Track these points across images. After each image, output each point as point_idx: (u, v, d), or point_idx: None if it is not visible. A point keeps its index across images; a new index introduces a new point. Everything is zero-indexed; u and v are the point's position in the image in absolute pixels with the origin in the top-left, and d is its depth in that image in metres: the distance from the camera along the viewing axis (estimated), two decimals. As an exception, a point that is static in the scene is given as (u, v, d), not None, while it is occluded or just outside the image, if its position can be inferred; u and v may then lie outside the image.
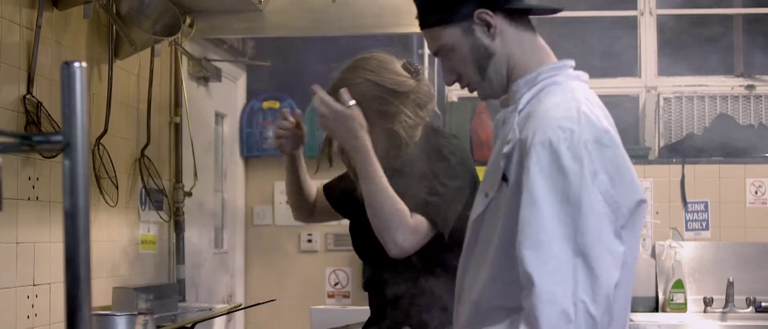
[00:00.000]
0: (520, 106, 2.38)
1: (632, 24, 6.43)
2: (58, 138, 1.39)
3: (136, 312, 3.24)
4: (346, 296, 5.88)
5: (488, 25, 2.41)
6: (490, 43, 2.42)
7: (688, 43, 6.45)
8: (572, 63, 2.47)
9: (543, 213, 2.19)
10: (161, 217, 5.02)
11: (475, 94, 2.58)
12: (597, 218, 2.20)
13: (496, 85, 2.47)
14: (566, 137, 2.22)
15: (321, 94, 3.12)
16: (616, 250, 2.22)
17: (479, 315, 2.39)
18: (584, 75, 2.47)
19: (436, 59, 6.50)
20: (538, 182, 2.20)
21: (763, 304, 5.75)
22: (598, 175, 2.22)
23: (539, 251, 2.18)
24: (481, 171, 2.88)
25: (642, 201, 2.31)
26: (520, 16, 2.45)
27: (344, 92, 3.10)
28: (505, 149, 2.33)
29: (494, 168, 2.39)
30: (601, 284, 2.17)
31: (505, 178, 2.33)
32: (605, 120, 2.32)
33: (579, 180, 2.19)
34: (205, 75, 5.72)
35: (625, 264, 2.26)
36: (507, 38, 2.43)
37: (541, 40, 2.48)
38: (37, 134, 2.48)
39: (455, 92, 6.48)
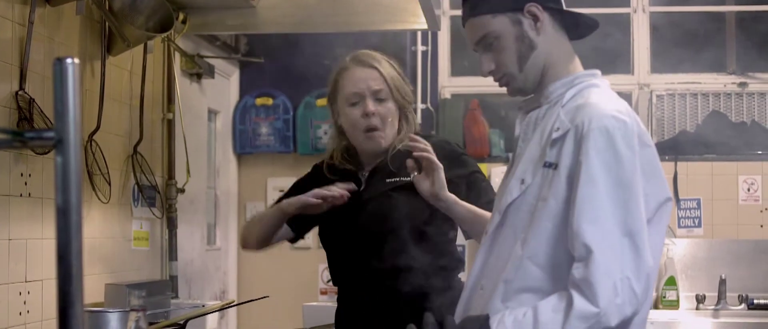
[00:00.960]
0: (565, 101, 2.53)
1: (625, 21, 6.44)
2: (51, 134, 1.39)
3: (128, 309, 3.23)
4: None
5: (536, 19, 2.56)
6: (535, 36, 2.57)
7: (681, 41, 6.46)
8: (599, 72, 2.66)
9: (600, 192, 2.34)
10: (154, 214, 5.02)
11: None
12: (642, 204, 2.37)
13: (531, 79, 2.60)
14: (620, 126, 2.40)
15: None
16: (651, 238, 2.38)
17: (509, 293, 2.47)
18: (609, 85, 2.67)
19: (428, 57, 6.50)
20: (597, 164, 2.36)
21: (755, 301, 5.76)
22: (640, 168, 2.40)
23: (598, 225, 2.33)
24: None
25: (668, 199, 2.49)
26: (562, 21, 2.61)
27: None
28: (555, 135, 2.47)
29: (534, 158, 2.51)
30: (645, 263, 2.33)
31: (547, 165, 2.46)
32: (640, 122, 2.51)
33: (632, 167, 2.37)
34: (198, 71, 5.71)
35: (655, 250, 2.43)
36: (548, 36, 2.58)
37: (573, 51, 2.66)
38: (29, 130, 2.48)
39: (448, 89, 6.49)
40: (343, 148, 3.36)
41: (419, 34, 6.34)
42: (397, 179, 3.22)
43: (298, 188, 3.48)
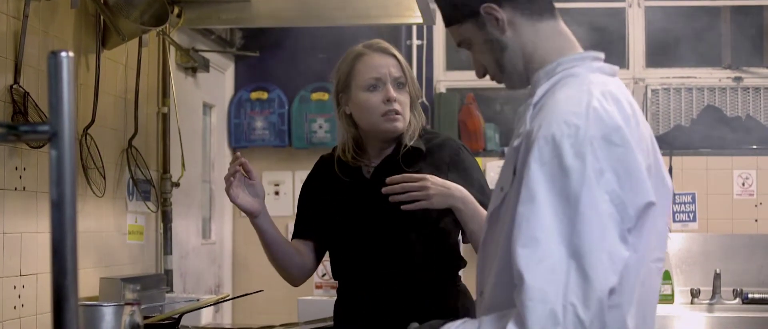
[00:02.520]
0: (536, 98, 2.34)
1: (620, 15, 6.44)
2: (45, 128, 1.39)
3: (123, 303, 3.22)
4: (333, 287, 5.87)
5: (496, 19, 2.40)
6: (500, 36, 2.41)
7: (676, 35, 6.46)
8: (598, 54, 2.43)
9: (541, 211, 2.12)
10: (149, 208, 5.01)
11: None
12: (598, 219, 2.11)
13: (515, 77, 2.45)
14: (571, 133, 2.14)
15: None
16: (617, 254, 2.12)
17: (487, 309, 2.34)
18: (609, 67, 2.43)
19: (423, 51, 6.50)
20: (538, 178, 2.14)
21: (749, 296, 5.77)
22: (605, 174, 2.13)
23: (534, 249, 2.11)
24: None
25: (650, 204, 2.20)
26: (533, 5, 2.42)
27: None
28: (515, 143, 2.30)
29: (508, 162, 2.35)
30: (593, 288, 2.08)
31: (514, 172, 2.27)
32: (619, 116, 2.21)
33: (580, 179, 2.11)
34: (193, 65, 5.71)
35: (630, 268, 2.16)
36: (520, 30, 2.41)
37: (563, 28, 2.45)
38: (23, 124, 2.48)
39: (443, 83, 6.49)
40: (353, 140, 3.34)
41: (414, 28, 6.34)
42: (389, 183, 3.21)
43: (307, 190, 3.47)
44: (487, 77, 2.55)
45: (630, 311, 2.20)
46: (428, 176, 3.11)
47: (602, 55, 2.43)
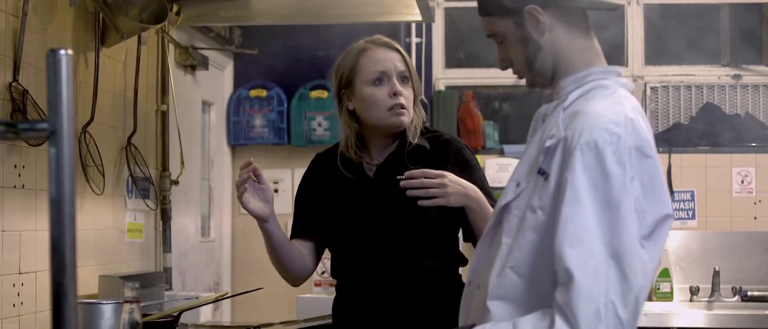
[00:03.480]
0: (567, 103, 2.44)
1: (619, 13, 6.44)
2: (44, 126, 1.39)
3: (122, 300, 3.23)
4: (332, 284, 5.87)
5: (537, 21, 2.48)
6: (539, 37, 2.49)
7: (675, 33, 6.46)
8: (620, 70, 2.55)
9: (585, 213, 2.25)
10: (148, 205, 5.01)
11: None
12: (632, 225, 2.26)
13: (542, 78, 2.54)
14: (613, 141, 2.28)
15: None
16: (643, 257, 2.28)
17: (489, 296, 2.42)
18: (630, 84, 2.55)
19: (422, 49, 6.51)
20: (583, 182, 2.26)
21: (748, 293, 5.77)
22: (634, 182, 2.28)
23: (580, 249, 2.23)
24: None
25: (668, 216, 2.38)
26: (574, 15, 2.53)
27: None
28: (548, 143, 2.38)
29: (531, 161, 2.45)
30: (631, 287, 2.24)
31: (541, 172, 2.38)
32: (647, 129, 2.39)
33: (621, 185, 2.26)
34: (192, 63, 5.71)
35: (647, 273, 2.32)
36: (557, 35, 2.50)
37: (595, 44, 2.57)
38: (22, 122, 2.48)
39: (442, 81, 6.49)
40: (355, 137, 3.32)
41: (413, 25, 6.34)
42: (403, 176, 3.20)
43: (304, 189, 3.45)
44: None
45: (640, 306, 2.37)
46: (446, 173, 3.10)
47: (622, 70, 2.56)
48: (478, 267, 2.57)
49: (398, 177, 3.13)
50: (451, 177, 3.09)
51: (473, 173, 3.24)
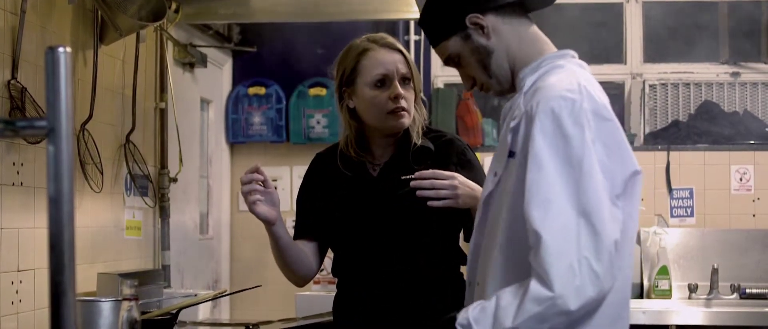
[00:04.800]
0: (525, 88, 2.53)
1: (618, 11, 6.44)
2: (43, 123, 1.39)
3: (120, 298, 3.22)
4: (331, 282, 5.88)
5: (481, 27, 2.58)
6: (486, 42, 2.59)
7: (674, 31, 6.46)
8: (573, 53, 2.62)
9: (549, 175, 2.31)
10: (146, 203, 5.01)
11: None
12: (597, 182, 2.32)
13: (502, 79, 2.63)
14: (568, 105, 2.35)
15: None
16: (615, 214, 2.33)
17: (491, 287, 2.48)
18: (585, 65, 2.61)
19: (420, 46, 6.50)
20: (543, 147, 2.33)
21: (747, 291, 5.78)
22: (596, 144, 2.34)
23: (547, 210, 2.29)
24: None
25: (637, 172, 2.42)
26: (512, 12, 2.61)
27: None
28: (512, 124, 2.47)
29: (501, 147, 2.52)
30: (603, 241, 2.28)
31: (511, 154, 2.46)
32: (603, 96, 2.46)
33: (581, 145, 2.32)
34: (191, 60, 5.71)
35: (624, 233, 2.39)
36: (502, 35, 2.59)
37: (539, 33, 2.65)
38: (21, 119, 2.48)
39: (441, 79, 6.49)
40: (356, 134, 3.31)
41: (412, 23, 6.34)
42: (412, 176, 3.19)
43: (306, 189, 3.43)
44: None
45: (630, 273, 2.49)
46: (456, 174, 3.10)
47: (575, 53, 2.63)
48: (472, 265, 2.61)
49: (408, 177, 3.13)
50: (461, 178, 3.09)
51: (476, 174, 3.24)
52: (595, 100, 2.39)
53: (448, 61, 2.68)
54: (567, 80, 2.43)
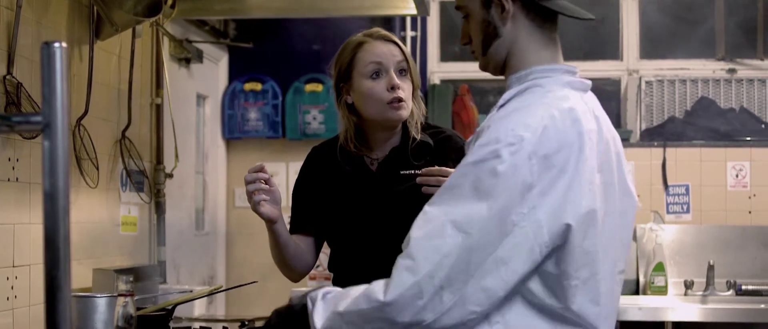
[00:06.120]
0: (502, 102, 2.41)
1: (615, 7, 6.44)
2: (38, 118, 1.39)
3: (116, 294, 3.22)
4: (327, 278, 5.87)
5: (502, 8, 2.45)
6: (500, 25, 2.46)
7: (670, 27, 6.47)
8: (571, 68, 2.48)
9: (456, 197, 2.23)
10: (142, 199, 5.01)
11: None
12: (504, 229, 2.19)
13: (492, 63, 2.52)
14: (513, 142, 2.22)
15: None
16: (507, 262, 2.20)
17: None
18: (582, 83, 2.48)
19: (417, 42, 6.49)
20: (469, 172, 2.24)
21: (743, 287, 5.78)
22: (532, 190, 2.20)
23: (431, 224, 2.24)
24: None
25: (568, 226, 2.23)
26: (539, 12, 2.48)
27: None
28: (469, 139, 2.40)
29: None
30: (466, 283, 2.20)
31: None
32: (573, 137, 2.28)
33: (505, 187, 2.19)
34: (187, 56, 5.70)
35: (553, 279, 2.26)
36: (518, 26, 2.47)
37: (555, 43, 2.51)
38: (16, 114, 2.47)
39: (437, 75, 6.49)
40: (354, 130, 3.30)
41: (408, 19, 6.34)
42: (412, 171, 3.18)
43: (302, 183, 3.43)
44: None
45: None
46: None
47: (576, 70, 2.49)
48: None
49: (407, 172, 3.13)
50: None
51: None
52: (550, 143, 2.23)
53: (459, 8, 2.57)
54: (531, 111, 2.29)
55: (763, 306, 5.44)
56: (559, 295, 2.29)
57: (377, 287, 2.27)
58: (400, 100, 3.19)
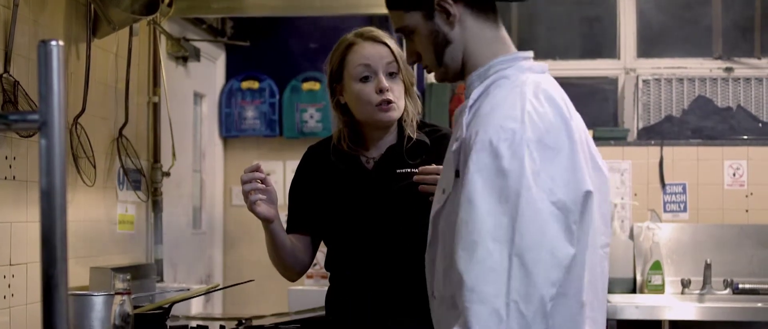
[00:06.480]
0: (471, 102, 2.40)
1: (612, 6, 6.44)
2: (35, 117, 1.38)
3: (113, 292, 3.22)
4: (324, 277, 5.88)
5: (448, 13, 2.44)
6: (448, 31, 2.46)
7: (668, 26, 6.47)
8: (527, 54, 2.48)
9: (479, 214, 2.20)
10: (139, 197, 5.01)
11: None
12: (539, 218, 2.19)
13: (451, 71, 2.51)
14: (507, 137, 2.22)
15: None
16: (560, 251, 2.20)
17: (445, 309, 2.39)
18: (539, 66, 2.48)
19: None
20: (477, 183, 2.21)
21: (740, 286, 5.78)
22: (541, 174, 2.21)
23: (473, 251, 2.19)
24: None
25: (588, 193, 2.26)
26: (482, 8, 2.47)
27: None
28: (454, 147, 2.36)
29: (448, 165, 2.42)
30: (535, 284, 2.16)
31: (457, 174, 2.34)
32: (553, 115, 2.30)
33: (519, 180, 2.19)
34: (184, 54, 5.70)
35: (576, 258, 2.24)
36: (466, 28, 2.46)
37: (503, 34, 2.50)
38: (13, 113, 2.46)
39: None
40: (348, 129, 3.30)
41: (406, 17, 6.33)
42: (408, 170, 3.18)
43: (298, 182, 3.42)
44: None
45: (580, 298, 2.28)
46: None
47: (531, 54, 2.50)
48: (429, 277, 2.52)
49: (404, 170, 3.13)
50: None
51: None
52: (538, 127, 2.25)
53: (399, 31, 2.55)
54: (510, 103, 2.30)
55: (759, 304, 5.45)
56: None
57: None
58: (389, 102, 3.18)
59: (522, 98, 2.30)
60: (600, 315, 2.42)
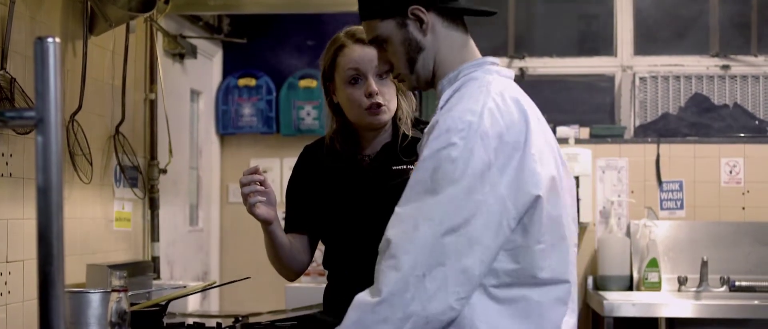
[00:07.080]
0: (441, 104, 2.51)
1: (609, 3, 6.44)
2: (31, 114, 1.38)
3: (109, 290, 3.21)
4: (321, 274, 5.87)
5: (421, 21, 2.55)
6: (421, 38, 2.57)
7: (664, 23, 6.47)
8: (493, 60, 2.60)
9: (420, 194, 2.35)
10: (136, 194, 5.00)
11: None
12: (472, 208, 2.30)
13: (422, 78, 2.62)
14: (463, 128, 2.34)
15: None
16: (481, 243, 2.31)
17: None
18: (506, 71, 2.60)
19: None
20: (427, 166, 2.35)
21: (736, 283, 5.79)
22: (492, 169, 2.32)
23: (405, 223, 2.35)
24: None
25: (538, 198, 2.37)
26: (453, 16, 2.59)
27: None
28: (422, 140, 2.50)
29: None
30: (445, 265, 2.30)
31: None
32: (518, 114, 2.41)
33: (464, 169, 2.31)
34: (181, 52, 5.69)
35: (520, 249, 2.37)
36: (438, 35, 2.57)
37: (471, 42, 2.62)
38: (10, 110, 2.46)
39: (431, 70, 6.48)
40: (342, 128, 3.30)
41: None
42: (404, 167, 3.18)
43: (295, 181, 3.42)
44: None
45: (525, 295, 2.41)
46: None
47: (498, 60, 2.63)
48: None
49: (400, 167, 3.13)
50: None
51: None
52: (498, 122, 2.36)
53: (372, 41, 2.65)
54: (474, 98, 2.41)
55: (756, 302, 5.45)
56: (527, 264, 2.39)
57: (363, 294, 2.37)
58: (379, 105, 3.18)
59: (485, 95, 2.42)
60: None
